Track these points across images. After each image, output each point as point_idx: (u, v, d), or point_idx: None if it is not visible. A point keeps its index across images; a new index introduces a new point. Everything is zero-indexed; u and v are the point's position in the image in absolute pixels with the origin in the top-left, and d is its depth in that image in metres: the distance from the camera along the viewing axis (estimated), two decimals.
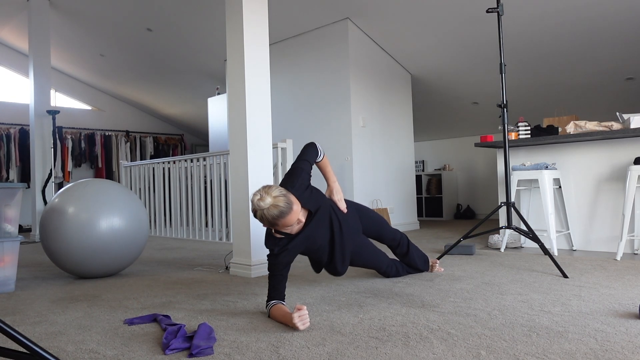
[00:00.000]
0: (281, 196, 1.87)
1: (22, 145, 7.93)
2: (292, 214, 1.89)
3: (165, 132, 9.91)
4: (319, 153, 2.26)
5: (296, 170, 2.12)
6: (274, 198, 1.85)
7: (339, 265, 2.27)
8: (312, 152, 2.22)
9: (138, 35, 6.43)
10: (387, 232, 2.58)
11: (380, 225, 2.55)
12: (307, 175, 2.14)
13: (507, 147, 3.08)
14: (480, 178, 7.68)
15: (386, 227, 2.58)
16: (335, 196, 2.33)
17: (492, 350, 1.47)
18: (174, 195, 5.61)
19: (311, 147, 2.23)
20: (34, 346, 1.18)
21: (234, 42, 3.04)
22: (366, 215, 2.51)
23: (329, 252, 2.23)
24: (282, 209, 1.85)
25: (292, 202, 1.89)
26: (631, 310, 1.88)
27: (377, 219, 2.55)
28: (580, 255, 3.43)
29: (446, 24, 4.88)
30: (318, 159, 2.28)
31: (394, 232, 2.61)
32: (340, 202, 2.31)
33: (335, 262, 2.25)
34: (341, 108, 5.29)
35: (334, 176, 2.37)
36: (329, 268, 2.30)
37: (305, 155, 2.19)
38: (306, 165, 2.16)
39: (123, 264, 3.02)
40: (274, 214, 1.85)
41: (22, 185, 2.74)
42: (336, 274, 2.30)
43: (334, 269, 2.28)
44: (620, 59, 4.87)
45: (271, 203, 1.84)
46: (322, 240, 2.17)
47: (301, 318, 1.74)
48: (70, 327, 1.89)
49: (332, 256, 2.24)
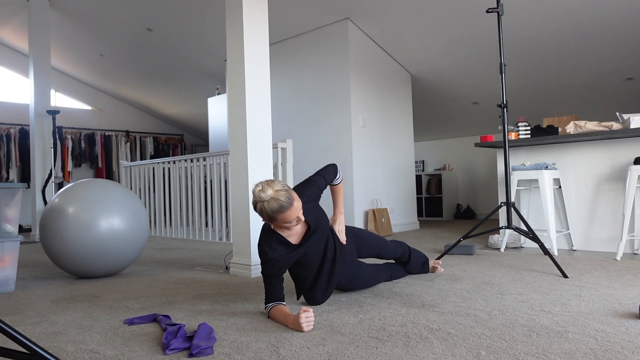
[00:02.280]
0: (283, 190, 1.84)
1: (22, 145, 7.93)
2: (292, 209, 1.85)
3: (165, 132, 9.91)
4: (338, 176, 2.24)
5: (310, 183, 2.11)
6: (276, 192, 1.83)
7: (319, 293, 2.13)
8: (331, 172, 2.20)
9: (138, 35, 6.43)
10: (386, 252, 2.50)
11: (379, 249, 2.46)
12: (318, 190, 2.11)
13: (507, 147, 3.08)
14: (480, 178, 7.68)
15: (385, 248, 2.49)
16: (337, 227, 2.24)
17: (492, 350, 1.47)
18: (174, 195, 5.61)
19: (332, 167, 2.22)
20: (34, 346, 1.18)
21: (234, 42, 3.04)
22: (363, 242, 2.41)
23: (315, 275, 2.14)
24: (282, 203, 1.82)
25: (293, 198, 1.85)
26: (631, 310, 1.88)
27: (375, 244, 2.45)
28: (580, 255, 3.43)
29: (446, 24, 4.88)
30: (335, 182, 2.25)
31: (394, 249, 2.54)
32: (341, 233, 2.23)
33: (317, 287, 2.13)
34: (341, 108, 5.29)
35: (342, 207, 2.30)
36: (310, 294, 2.15)
37: (323, 172, 2.18)
38: (321, 181, 2.14)
39: (123, 264, 3.02)
40: (273, 207, 1.82)
41: (22, 185, 2.74)
42: (314, 301, 2.14)
43: (313, 296, 2.14)
44: (620, 59, 4.87)
45: (272, 196, 1.81)
46: (313, 259, 2.09)
47: (307, 319, 1.73)
48: (70, 327, 1.89)
49: (317, 279, 2.14)
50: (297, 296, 2.23)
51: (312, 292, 2.14)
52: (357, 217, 5.21)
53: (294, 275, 2.17)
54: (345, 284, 2.32)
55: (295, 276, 2.17)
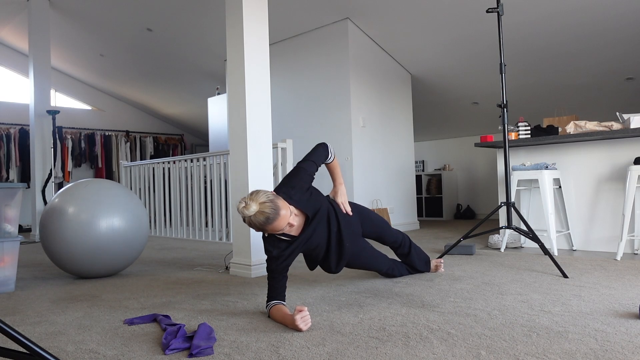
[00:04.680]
0: (268, 202, 1.82)
1: (22, 145, 7.93)
2: (280, 219, 1.84)
3: (165, 132, 9.90)
4: (330, 155, 2.22)
5: (299, 171, 2.09)
6: (260, 204, 1.81)
7: (333, 265, 2.26)
8: (320, 153, 2.18)
9: (138, 35, 6.43)
10: (388, 235, 2.55)
11: (381, 228, 2.51)
12: (308, 177, 2.10)
13: (507, 147, 3.08)
14: (480, 178, 7.68)
15: (387, 229, 2.55)
16: (340, 198, 2.29)
17: (492, 350, 1.47)
18: (174, 195, 5.61)
19: (321, 147, 2.19)
20: (34, 346, 1.18)
21: (234, 42, 3.04)
22: (367, 218, 2.47)
23: (325, 251, 2.21)
24: (268, 215, 1.81)
25: (279, 208, 1.84)
26: (631, 310, 1.88)
27: (378, 222, 2.51)
28: (580, 255, 3.43)
29: (446, 24, 4.88)
30: (328, 161, 2.24)
31: (396, 234, 2.58)
32: (344, 204, 2.28)
33: (330, 261, 2.24)
34: (341, 108, 5.29)
35: (341, 178, 2.33)
36: (324, 265, 2.30)
37: (312, 156, 2.16)
38: (310, 166, 2.12)
39: (123, 264, 3.02)
40: (260, 220, 1.82)
41: (22, 185, 2.74)
42: (330, 271, 2.30)
43: (328, 267, 2.28)
44: (620, 59, 4.87)
45: (256, 210, 1.81)
46: (319, 239, 2.15)
47: (303, 319, 1.74)
48: (70, 327, 1.89)
49: (327, 256, 2.23)
50: (310, 268, 2.33)
51: (327, 263, 2.26)
52: None
53: (307, 258, 2.27)
54: (349, 258, 2.39)
55: (309, 259, 2.27)
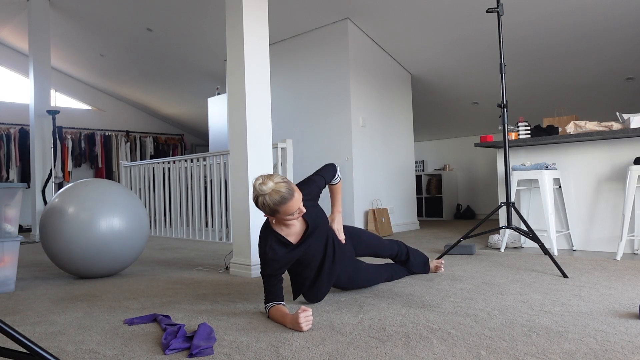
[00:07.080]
0: (283, 182, 1.85)
1: (22, 145, 7.93)
2: (294, 200, 1.86)
3: (165, 132, 9.90)
4: (336, 176, 2.26)
5: (309, 182, 2.12)
6: (276, 184, 1.83)
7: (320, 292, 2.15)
8: (330, 172, 2.22)
9: (138, 35, 6.43)
10: (382, 250, 2.50)
11: (374, 246, 2.46)
12: (317, 190, 2.12)
13: (507, 147, 3.08)
14: (480, 178, 7.68)
15: (381, 245, 2.49)
16: (336, 226, 2.26)
17: (492, 350, 1.47)
18: (174, 195, 5.61)
19: (331, 167, 2.23)
20: (34, 346, 1.18)
21: (234, 42, 3.04)
22: (359, 239, 2.42)
23: (316, 273, 2.15)
24: (283, 194, 1.82)
25: (293, 189, 1.86)
26: (631, 310, 1.88)
27: (370, 241, 2.45)
28: (580, 255, 3.43)
29: (446, 24, 4.88)
30: (333, 181, 2.26)
31: (390, 247, 2.53)
32: (339, 232, 2.25)
33: (318, 286, 2.14)
34: (341, 108, 5.29)
35: (340, 206, 2.32)
36: (310, 293, 2.16)
37: (322, 172, 2.19)
38: (321, 181, 2.16)
39: (123, 264, 3.02)
40: (275, 199, 1.82)
41: (22, 185, 2.74)
42: (315, 300, 2.17)
43: (315, 294, 2.15)
44: (620, 59, 4.87)
45: (273, 188, 1.82)
46: (316, 253, 2.10)
47: (306, 319, 1.74)
48: (70, 327, 1.89)
49: (317, 278, 2.15)
50: (294, 296, 2.22)
51: (313, 290, 2.15)
52: (357, 217, 5.21)
53: (293, 275, 2.17)
54: (346, 283, 2.32)
55: (296, 276, 2.16)
